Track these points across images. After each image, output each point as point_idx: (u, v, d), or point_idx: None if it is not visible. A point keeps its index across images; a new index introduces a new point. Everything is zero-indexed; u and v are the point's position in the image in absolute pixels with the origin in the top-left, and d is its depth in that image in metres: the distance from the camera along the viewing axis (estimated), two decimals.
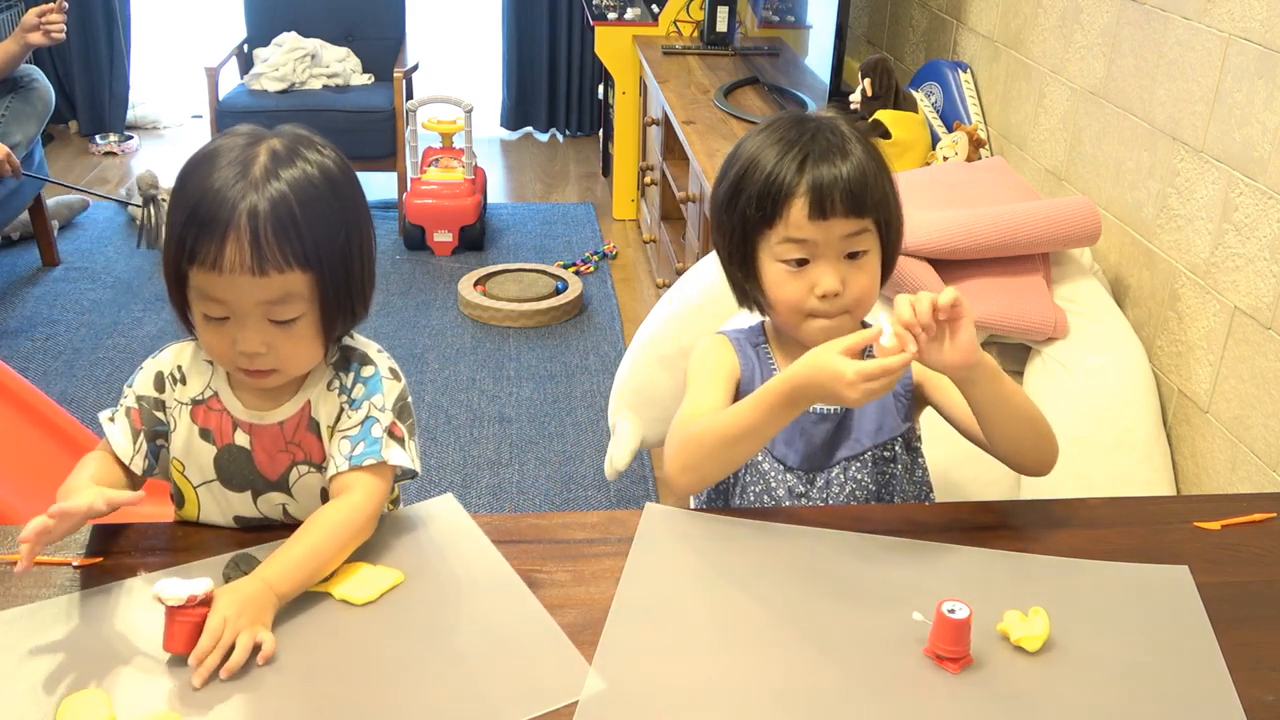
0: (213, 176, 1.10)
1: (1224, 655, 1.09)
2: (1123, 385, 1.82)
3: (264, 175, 1.10)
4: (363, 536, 1.17)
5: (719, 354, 1.39)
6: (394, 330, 3.50)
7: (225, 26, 4.91)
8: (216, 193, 1.09)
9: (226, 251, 1.08)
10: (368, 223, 1.20)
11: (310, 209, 1.11)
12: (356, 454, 1.19)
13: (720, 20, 3.90)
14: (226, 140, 1.14)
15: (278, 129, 1.17)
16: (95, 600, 1.11)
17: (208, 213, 1.09)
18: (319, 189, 1.13)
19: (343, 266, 1.16)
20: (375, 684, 1.02)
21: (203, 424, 1.24)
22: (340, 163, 1.17)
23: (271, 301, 1.12)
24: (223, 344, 1.15)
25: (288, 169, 1.11)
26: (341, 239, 1.15)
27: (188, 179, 1.13)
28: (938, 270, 1.86)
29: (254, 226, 1.08)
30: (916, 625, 1.09)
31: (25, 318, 3.51)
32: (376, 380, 1.23)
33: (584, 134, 5.59)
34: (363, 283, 1.20)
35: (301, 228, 1.10)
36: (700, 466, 1.26)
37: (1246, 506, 1.33)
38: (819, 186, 1.24)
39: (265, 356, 1.15)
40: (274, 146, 1.13)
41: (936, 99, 2.72)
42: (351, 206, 1.17)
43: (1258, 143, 1.67)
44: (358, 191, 1.19)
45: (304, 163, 1.13)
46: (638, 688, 1.02)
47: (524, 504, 2.68)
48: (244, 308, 1.12)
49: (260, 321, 1.13)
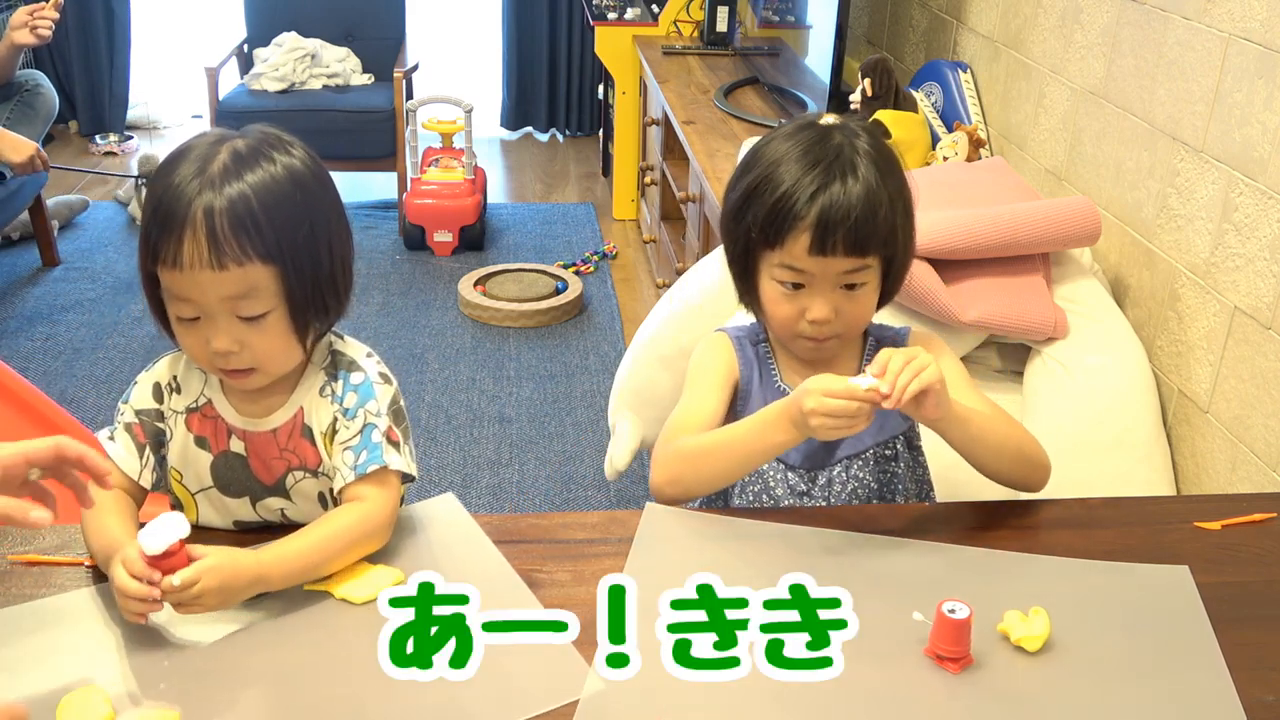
0: (173, 176, 1.11)
1: (1224, 655, 1.08)
2: (1123, 385, 1.82)
3: (222, 172, 1.10)
4: (373, 542, 1.17)
5: (718, 355, 1.39)
6: (394, 330, 3.50)
7: (225, 26, 4.90)
8: (175, 190, 1.09)
9: (185, 248, 1.08)
10: (338, 219, 1.19)
11: (270, 202, 1.11)
12: (360, 463, 1.19)
13: (720, 20, 3.90)
14: (195, 141, 1.14)
15: (247, 129, 1.17)
16: (94, 598, 1.11)
17: (166, 210, 1.09)
18: (280, 184, 1.12)
19: (309, 260, 1.14)
20: (374, 684, 1.02)
21: (198, 431, 1.24)
22: (308, 161, 1.16)
23: (236, 296, 1.11)
24: (198, 344, 1.15)
25: (249, 167, 1.11)
26: (306, 231, 1.14)
27: (154, 180, 1.13)
28: (938, 270, 1.86)
29: (210, 221, 1.08)
30: (917, 625, 1.09)
31: (25, 318, 3.51)
32: (368, 386, 1.23)
33: (584, 134, 5.59)
34: (334, 278, 1.18)
35: (260, 220, 1.10)
36: (686, 481, 1.28)
37: (1246, 506, 1.33)
38: (824, 223, 1.22)
39: (240, 355, 1.14)
40: (237, 146, 1.13)
41: (936, 99, 2.72)
42: (318, 201, 1.16)
43: (1258, 143, 1.67)
44: (327, 189, 1.18)
45: (268, 162, 1.12)
46: (637, 688, 1.02)
47: (524, 504, 2.68)
48: (210, 305, 1.12)
49: (229, 319, 1.13)
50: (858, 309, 1.30)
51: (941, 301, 1.83)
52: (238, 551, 1.09)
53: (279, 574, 1.10)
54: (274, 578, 1.10)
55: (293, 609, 1.10)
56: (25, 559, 1.16)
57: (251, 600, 1.10)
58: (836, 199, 1.22)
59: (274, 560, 1.10)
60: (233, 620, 1.09)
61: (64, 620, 1.08)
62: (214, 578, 1.05)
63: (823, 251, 1.24)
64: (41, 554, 1.17)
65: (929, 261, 1.86)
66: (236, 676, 1.02)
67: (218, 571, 1.05)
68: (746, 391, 1.38)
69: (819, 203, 1.23)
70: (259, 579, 1.09)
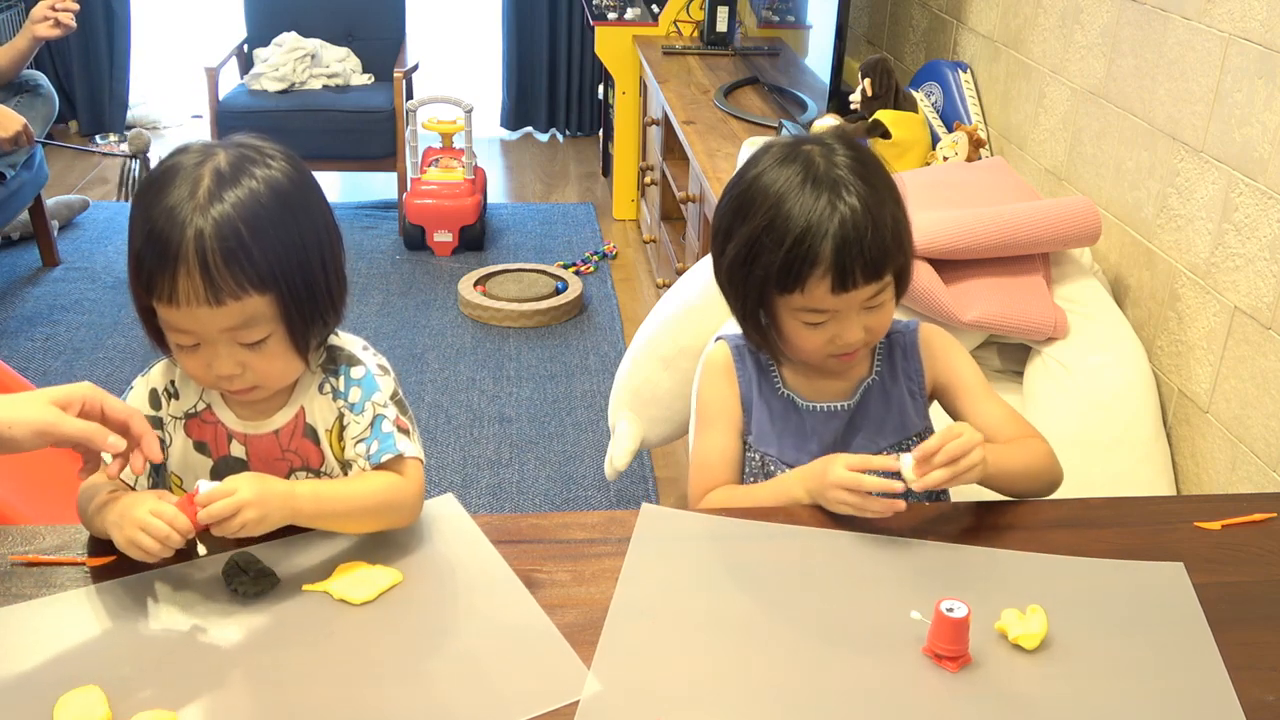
0: (160, 204, 1.09)
1: (1224, 655, 1.09)
2: (1123, 385, 1.82)
3: (207, 198, 1.08)
4: (401, 516, 1.21)
5: (720, 384, 1.40)
6: (394, 330, 3.50)
7: (225, 26, 4.91)
8: (165, 218, 1.08)
9: (180, 285, 1.07)
10: (328, 229, 1.18)
11: (258, 228, 1.09)
12: (375, 453, 1.21)
13: (720, 20, 3.90)
14: (178, 159, 1.12)
15: (228, 139, 1.15)
16: (93, 598, 1.11)
17: (157, 244, 1.08)
18: (266, 206, 1.10)
19: (303, 281, 1.13)
20: (373, 684, 1.02)
21: (197, 437, 1.24)
22: (291, 172, 1.14)
23: (235, 327, 1.11)
24: (199, 368, 1.15)
25: (232, 189, 1.09)
26: (298, 253, 1.13)
27: (140, 201, 1.11)
28: (938, 270, 1.86)
29: (202, 257, 1.06)
30: (915, 624, 1.09)
31: (25, 318, 3.51)
32: (370, 379, 1.23)
33: (584, 134, 5.59)
34: (329, 291, 1.17)
35: (252, 250, 1.08)
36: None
37: (1246, 506, 1.33)
38: (841, 262, 1.22)
39: (242, 376, 1.15)
40: (218, 165, 1.10)
41: (936, 99, 2.72)
42: (306, 217, 1.15)
43: (1258, 143, 1.67)
44: (313, 199, 1.16)
45: (249, 179, 1.10)
46: (637, 688, 1.02)
47: (524, 504, 2.68)
48: (209, 335, 1.12)
49: (230, 346, 1.13)
50: (883, 320, 1.31)
51: (941, 301, 1.83)
52: (271, 481, 1.13)
53: (310, 509, 1.14)
54: (304, 511, 1.13)
55: (292, 609, 1.10)
56: (25, 559, 1.16)
57: (251, 601, 1.11)
58: (847, 233, 1.21)
59: (306, 494, 1.14)
60: (232, 620, 1.09)
61: (63, 620, 1.08)
62: (250, 489, 1.08)
63: (844, 288, 1.23)
64: (41, 554, 1.17)
65: (929, 261, 1.86)
66: (235, 677, 1.02)
67: (253, 479, 1.10)
68: (747, 403, 1.38)
69: (830, 241, 1.21)
70: (290, 494, 1.12)
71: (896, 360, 1.39)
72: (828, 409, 1.37)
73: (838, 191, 1.22)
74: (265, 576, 1.13)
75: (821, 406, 1.37)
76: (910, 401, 1.38)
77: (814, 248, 1.21)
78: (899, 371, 1.39)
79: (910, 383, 1.38)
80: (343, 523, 1.18)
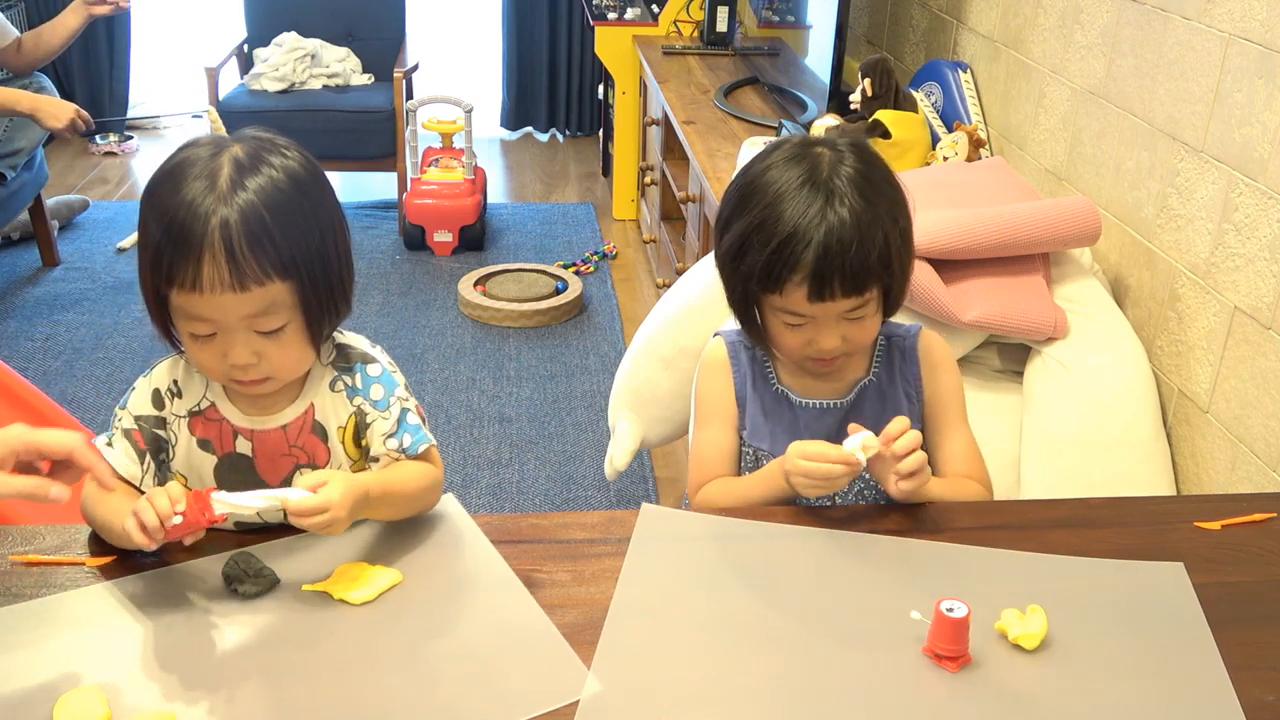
0: (180, 193, 1.09)
1: (1224, 655, 1.09)
2: (1123, 385, 1.82)
3: (230, 187, 1.09)
4: (434, 499, 1.25)
5: (717, 380, 1.41)
6: (394, 330, 3.50)
7: (225, 26, 4.91)
8: (187, 209, 1.08)
9: (204, 271, 1.08)
10: (340, 219, 1.19)
11: (281, 216, 1.10)
12: (409, 446, 1.24)
13: (720, 20, 3.90)
14: (189, 153, 1.13)
15: (238, 133, 1.16)
16: (93, 598, 1.11)
17: (180, 233, 1.08)
18: (287, 194, 1.11)
19: (321, 269, 1.15)
20: (373, 684, 1.02)
21: (201, 435, 1.24)
22: (305, 162, 1.16)
23: (256, 314, 1.12)
24: (213, 359, 1.15)
25: (253, 177, 1.10)
26: (317, 241, 1.14)
27: (155, 196, 1.11)
28: (938, 270, 1.86)
29: (228, 243, 1.07)
30: (915, 624, 1.09)
31: (25, 318, 3.51)
32: (388, 375, 1.26)
33: (584, 134, 5.59)
34: (343, 280, 1.19)
35: (275, 236, 1.10)
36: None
37: (1246, 506, 1.33)
38: (819, 271, 1.21)
39: (257, 366, 1.15)
40: (236, 155, 1.11)
41: (936, 99, 2.72)
42: (322, 206, 1.16)
43: (1258, 143, 1.67)
44: (326, 190, 1.18)
45: (269, 168, 1.12)
46: (637, 688, 1.02)
47: (524, 504, 2.68)
48: (229, 323, 1.12)
49: (247, 334, 1.13)
50: (864, 333, 1.30)
51: (941, 301, 1.83)
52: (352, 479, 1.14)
53: (375, 500, 1.16)
54: (373, 499, 1.15)
55: (292, 609, 1.10)
56: (25, 559, 1.16)
57: (251, 601, 1.11)
58: (830, 244, 1.21)
59: (374, 481, 1.16)
60: (233, 620, 1.09)
61: (63, 620, 1.08)
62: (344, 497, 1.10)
63: (821, 298, 1.23)
64: (41, 554, 1.17)
65: (929, 261, 1.86)
66: (235, 677, 1.02)
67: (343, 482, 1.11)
68: (741, 399, 1.39)
69: (812, 250, 1.21)
70: (367, 496, 1.14)
71: (895, 362, 1.39)
72: (821, 406, 1.37)
73: (831, 201, 1.22)
74: (265, 577, 1.13)
75: (815, 403, 1.37)
76: (907, 404, 1.38)
77: (796, 253, 1.21)
78: (897, 374, 1.39)
79: (908, 386, 1.38)
80: (389, 512, 1.22)
